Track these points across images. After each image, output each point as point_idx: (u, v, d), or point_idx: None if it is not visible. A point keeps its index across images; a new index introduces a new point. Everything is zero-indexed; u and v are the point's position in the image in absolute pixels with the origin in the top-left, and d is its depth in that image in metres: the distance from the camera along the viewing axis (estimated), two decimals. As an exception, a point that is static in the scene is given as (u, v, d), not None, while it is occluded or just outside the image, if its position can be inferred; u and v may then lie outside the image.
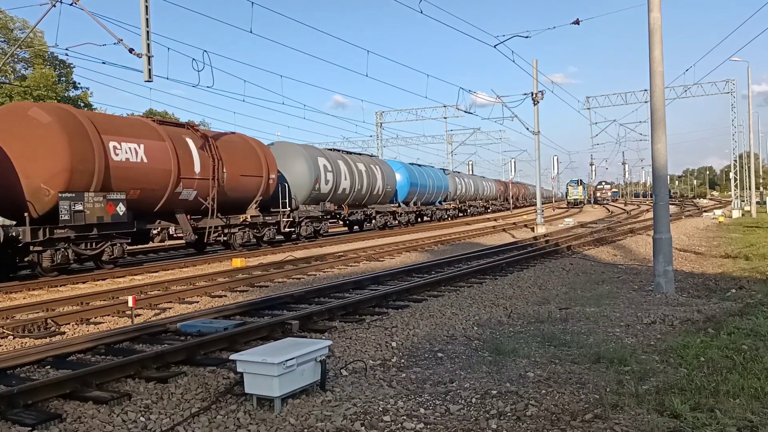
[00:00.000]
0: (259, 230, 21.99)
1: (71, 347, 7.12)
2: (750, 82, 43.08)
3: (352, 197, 29.01)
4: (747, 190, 53.74)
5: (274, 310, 9.68)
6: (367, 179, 30.24)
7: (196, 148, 18.84)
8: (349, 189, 28.37)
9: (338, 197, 27.64)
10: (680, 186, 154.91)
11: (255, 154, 21.93)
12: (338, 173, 27.30)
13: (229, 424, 4.79)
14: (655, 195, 10.83)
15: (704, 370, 5.65)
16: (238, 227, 20.90)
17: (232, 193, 20.38)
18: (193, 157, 18.61)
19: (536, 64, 30.89)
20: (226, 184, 19.85)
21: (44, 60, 42.09)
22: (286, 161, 24.78)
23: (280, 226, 23.23)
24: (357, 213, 30.45)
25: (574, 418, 4.64)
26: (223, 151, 20.01)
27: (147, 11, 14.96)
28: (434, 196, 41.98)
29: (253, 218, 21.47)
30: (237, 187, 20.54)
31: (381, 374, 6.04)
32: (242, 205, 21.27)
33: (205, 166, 18.99)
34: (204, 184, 18.98)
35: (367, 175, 30.34)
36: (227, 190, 19.98)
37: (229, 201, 20.29)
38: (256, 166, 21.68)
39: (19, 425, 4.71)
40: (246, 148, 21.82)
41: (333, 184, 26.68)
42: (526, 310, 9.20)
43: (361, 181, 29.52)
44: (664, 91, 10.71)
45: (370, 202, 31.50)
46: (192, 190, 18.56)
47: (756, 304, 8.86)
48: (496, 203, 64.40)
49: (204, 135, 19.59)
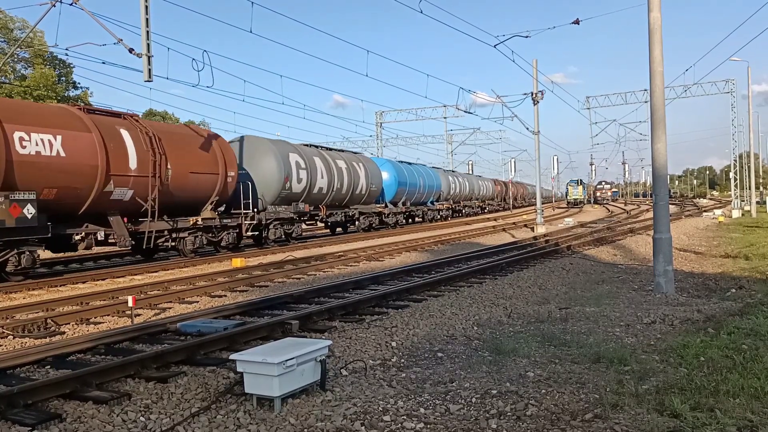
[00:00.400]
0: (215, 234, 19.72)
1: (71, 347, 7.12)
2: (750, 82, 43.16)
3: (331, 197, 26.83)
4: (747, 189, 53.75)
5: (274, 310, 9.68)
6: (349, 178, 28.01)
7: (132, 141, 16.46)
8: (327, 188, 26.21)
9: (314, 197, 25.46)
10: (680, 186, 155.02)
11: (209, 149, 19.55)
12: (313, 171, 25.05)
13: (229, 423, 4.79)
14: (655, 195, 10.83)
15: (704, 370, 5.65)
16: (188, 231, 18.61)
17: (181, 193, 18.09)
18: (127, 151, 16.25)
19: (536, 64, 30.91)
20: (171, 183, 17.58)
21: (44, 60, 42.11)
22: (253, 157, 22.74)
23: (242, 230, 20.91)
24: (337, 214, 28.18)
25: (574, 417, 4.64)
26: (169, 145, 17.68)
27: (147, 11, 14.95)
28: (425, 196, 39.97)
29: (206, 221, 19.18)
30: (186, 186, 18.26)
31: (381, 374, 6.04)
32: (194, 206, 19.00)
33: (144, 162, 16.60)
34: (142, 182, 16.57)
35: (348, 174, 28.05)
36: (173, 189, 17.71)
37: (177, 202, 18.08)
38: (210, 162, 19.33)
39: (19, 425, 4.71)
40: (198, 142, 19.37)
41: (307, 183, 24.50)
42: (526, 309, 9.20)
43: (341, 179, 27.32)
44: (664, 91, 10.71)
45: (353, 202, 29.25)
46: (127, 189, 16.24)
47: (756, 303, 8.86)
48: (493, 203, 62.39)
49: (144, 127, 17.25)
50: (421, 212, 39.92)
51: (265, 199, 22.52)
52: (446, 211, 44.57)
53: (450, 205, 45.66)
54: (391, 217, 33.64)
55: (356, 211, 29.66)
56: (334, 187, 26.70)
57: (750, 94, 44.47)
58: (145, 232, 16.91)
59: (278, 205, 23.11)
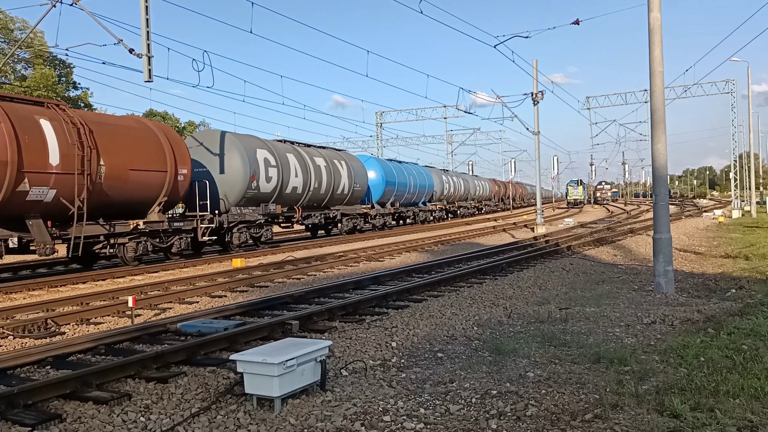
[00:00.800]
0: (163, 239, 17.57)
1: (71, 347, 7.13)
2: (750, 82, 43.24)
3: (308, 197, 24.88)
4: (747, 190, 53.76)
5: (274, 310, 9.68)
6: (328, 177, 26.14)
7: (54, 133, 14.24)
8: (303, 188, 24.23)
9: (287, 197, 23.50)
10: (680, 186, 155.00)
11: (156, 142, 17.30)
12: (286, 169, 23.06)
13: (229, 424, 4.80)
14: (655, 195, 10.83)
15: (704, 370, 5.65)
16: (129, 236, 16.42)
17: (118, 193, 15.92)
18: (47, 144, 14.03)
19: (536, 64, 30.92)
20: (105, 181, 15.38)
21: (44, 60, 42.11)
22: (215, 154, 20.71)
23: (198, 234, 18.68)
24: (315, 216, 26.05)
25: (574, 418, 4.64)
26: (102, 137, 15.45)
27: (147, 11, 14.96)
28: (416, 196, 37.90)
29: (151, 224, 16.95)
30: (125, 185, 16.05)
31: (381, 374, 6.04)
32: (137, 208, 16.86)
33: (69, 157, 14.36)
34: (68, 180, 14.35)
35: (327, 172, 26.15)
36: (109, 188, 15.55)
37: (115, 203, 15.99)
38: (156, 158, 17.08)
39: (20, 425, 4.71)
40: (141, 135, 17.06)
41: (278, 182, 22.48)
42: (526, 310, 9.20)
43: (319, 178, 25.39)
44: (664, 91, 10.71)
45: (334, 203, 27.31)
46: (48, 189, 14.05)
47: (756, 304, 8.87)
48: (490, 204, 60.32)
49: (71, 116, 14.95)
50: (412, 213, 38.03)
51: (228, 200, 20.58)
52: (439, 212, 42.81)
53: (443, 205, 43.81)
54: (378, 218, 31.78)
55: (338, 213, 27.70)
56: (310, 186, 24.77)
57: (750, 94, 44.57)
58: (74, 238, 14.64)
59: (244, 207, 21.18)
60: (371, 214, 30.85)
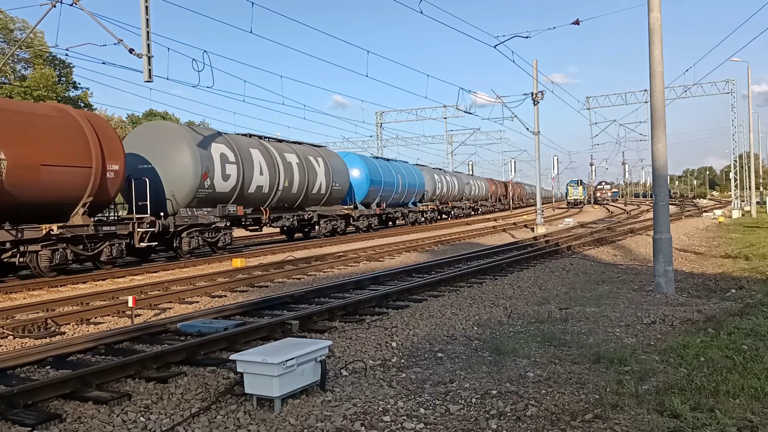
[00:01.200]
0: (88, 246, 15.27)
1: (71, 347, 7.13)
2: (750, 82, 43.23)
3: (277, 197, 22.66)
4: (747, 190, 53.76)
5: (274, 310, 9.68)
6: (301, 175, 23.93)
7: None
8: (270, 187, 21.99)
9: (251, 197, 21.26)
10: (680, 186, 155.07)
11: (78, 134, 15.01)
12: (248, 166, 20.80)
13: (229, 424, 4.79)
14: (655, 195, 10.83)
15: (704, 370, 5.65)
16: (43, 243, 14.16)
17: (26, 192, 13.70)
18: None
19: (536, 65, 30.92)
20: (8, 179, 13.25)
21: (44, 60, 42.12)
22: (160, 148, 18.35)
23: (135, 239, 16.45)
24: (287, 218, 23.71)
25: (574, 418, 4.64)
26: (5, 127, 13.42)
27: (147, 11, 14.96)
28: (405, 196, 35.79)
29: (72, 229, 14.69)
30: (35, 182, 13.84)
31: (381, 374, 6.04)
32: (54, 210, 14.57)
33: None
34: None
35: (300, 170, 23.95)
36: (12, 186, 13.36)
37: (22, 204, 13.74)
38: (77, 151, 14.80)
39: (19, 425, 4.71)
40: (59, 125, 14.80)
41: (239, 180, 20.23)
42: (526, 310, 9.20)
43: (289, 176, 23.17)
44: (664, 91, 10.71)
45: (309, 203, 25.16)
46: None
47: (756, 304, 8.87)
48: (487, 204, 58.20)
49: None
50: (401, 214, 35.83)
51: (177, 201, 18.33)
52: (431, 213, 40.58)
53: (436, 206, 41.67)
54: (362, 220, 29.77)
55: (314, 214, 25.52)
56: (279, 185, 22.51)
57: (750, 94, 44.57)
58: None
59: (196, 208, 18.91)
60: (354, 215, 28.82)
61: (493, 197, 61.81)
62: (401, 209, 35.85)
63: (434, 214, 41.30)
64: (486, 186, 58.89)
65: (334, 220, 27.24)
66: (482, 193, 56.79)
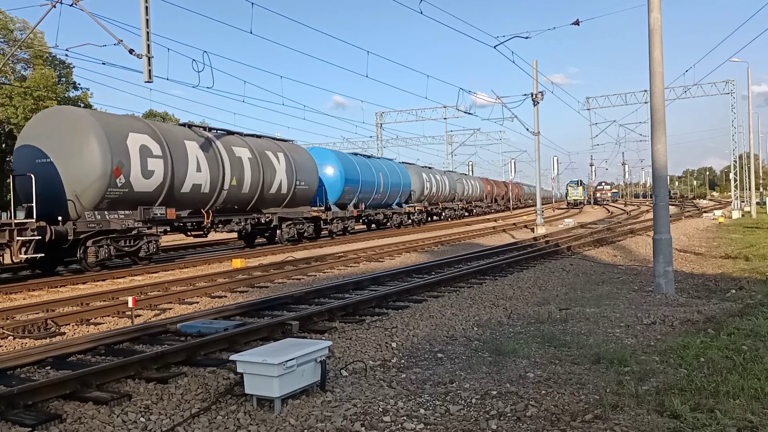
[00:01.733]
0: None
1: (71, 348, 7.13)
2: (750, 82, 43.19)
3: (222, 198, 19.59)
4: (747, 190, 53.77)
5: (274, 311, 9.68)
6: (254, 172, 20.91)
7: None
8: (212, 185, 18.94)
9: (186, 198, 18.08)
10: (680, 186, 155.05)
11: None
12: (180, 160, 17.61)
13: (229, 424, 4.80)
14: (655, 195, 10.83)
15: (704, 371, 5.65)
16: None
17: None
18: None
19: (536, 65, 30.93)
20: None
21: (44, 61, 42.11)
22: (61, 138, 15.53)
23: (13, 250, 13.25)
24: (237, 221, 20.71)
25: (574, 418, 4.64)
26: None
27: (147, 12, 14.97)
28: (388, 197, 33.06)
29: None
30: None
31: (381, 375, 6.04)
32: None
33: None
34: None
35: (253, 166, 20.92)
36: None
37: None
38: None
39: (19, 426, 4.72)
40: None
41: (167, 177, 17.07)
42: (526, 310, 9.20)
43: (238, 173, 20.16)
44: (664, 92, 10.71)
45: (266, 204, 22.22)
46: None
47: (756, 304, 8.86)
48: (482, 205, 55.54)
49: None
50: (384, 216, 33.04)
51: (81, 202, 15.32)
52: (419, 215, 37.74)
53: (424, 207, 38.88)
54: (336, 223, 26.85)
55: (274, 217, 22.57)
56: (224, 184, 19.45)
57: (750, 94, 44.59)
58: None
59: (108, 211, 15.88)
60: (326, 218, 26.04)
61: (489, 197, 59.24)
62: (384, 211, 33.08)
63: (422, 216, 38.66)
64: (481, 186, 56.38)
65: (300, 224, 24.16)
66: (477, 194, 54.38)
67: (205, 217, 18.98)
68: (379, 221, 33.25)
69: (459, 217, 47.20)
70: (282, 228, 23.16)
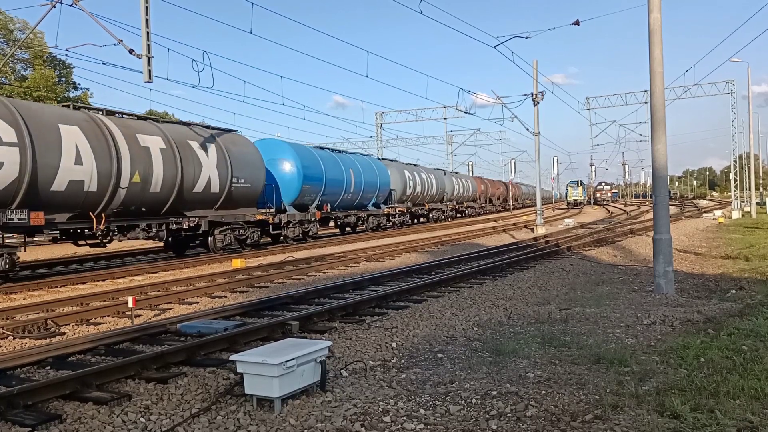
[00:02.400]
0: None
1: (71, 348, 7.13)
2: (750, 82, 43.18)
3: (121, 199, 15.89)
4: (747, 190, 53.76)
5: (274, 311, 9.68)
6: (170, 166, 17.06)
7: None
8: (102, 183, 15.26)
9: (62, 198, 14.44)
10: (680, 187, 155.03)
11: None
12: (47, 148, 13.96)
13: (229, 424, 4.79)
14: (655, 196, 10.83)
15: (704, 371, 5.65)
16: None
17: None
18: None
19: (536, 65, 30.92)
20: None
21: (44, 61, 42.12)
22: None
23: None
24: (143, 228, 16.81)
25: (574, 418, 4.64)
26: None
27: (147, 12, 14.95)
28: (362, 197, 29.61)
29: None
30: None
31: (381, 375, 6.04)
32: None
33: None
34: None
35: (168, 159, 17.03)
36: None
37: None
38: None
39: (19, 426, 4.71)
40: None
41: (25, 171, 13.40)
42: (526, 310, 9.20)
43: (145, 168, 16.34)
44: (664, 92, 10.71)
45: (190, 206, 18.34)
46: None
47: (756, 304, 8.86)
48: (475, 206, 52.64)
49: None
50: (356, 218, 29.52)
51: None
52: (401, 217, 34.46)
53: (407, 208, 35.57)
54: (292, 227, 23.25)
55: (203, 221, 18.79)
56: (120, 180, 15.77)
57: (750, 95, 44.57)
58: None
59: None
60: (280, 222, 22.50)
61: (483, 197, 56.08)
62: (357, 212, 29.54)
63: (404, 218, 35.19)
64: (473, 185, 52.98)
65: (240, 229, 20.49)
66: (469, 193, 50.99)
67: (95, 223, 15.27)
68: (350, 224, 29.75)
69: (449, 218, 44.25)
70: (215, 234, 19.48)
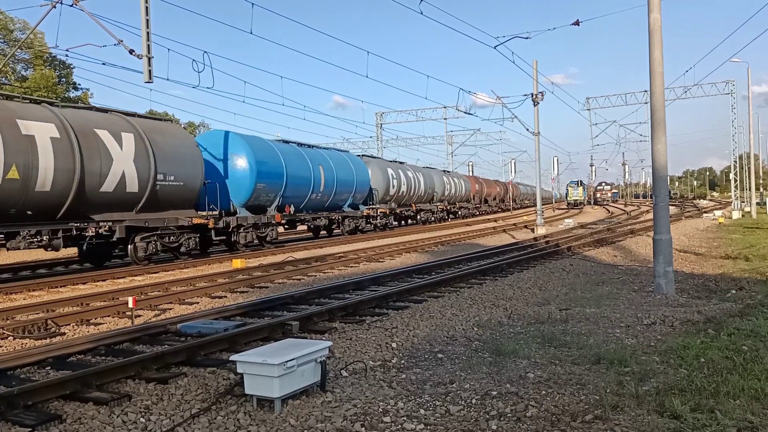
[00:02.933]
0: None
1: (71, 348, 7.12)
2: (750, 83, 43.16)
3: None
4: (747, 190, 53.77)
5: (275, 311, 9.68)
6: (66, 159, 14.27)
7: None
8: None
9: None
10: (680, 187, 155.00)
11: None
12: None
13: (229, 425, 4.79)
14: (655, 196, 10.83)
15: (704, 371, 5.65)
16: None
17: None
18: None
19: (536, 65, 30.92)
20: None
21: (44, 61, 42.13)
22: None
23: None
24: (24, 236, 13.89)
25: (574, 419, 4.64)
26: None
27: (147, 12, 14.96)
28: (335, 197, 26.43)
29: None
30: None
31: (381, 375, 6.04)
32: None
33: None
34: None
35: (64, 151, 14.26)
36: None
37: None
38: None
39: (19, 426, 4.71)
40: None
41: None
42: (527, 311, 9.20)
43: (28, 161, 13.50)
44: (664, 92, 10.71)
45: (97, 209, 15.44)
46: None
47: (756, 305, 8.86)
48: (468, 206, 50.04)
49: None
50: (327, 220, 26.46)
51: None
52: (383, 218, 31.68)
53: (390, 209, 32.80)
54: (243, 233, 20.30)
55: (117, 227, 15.92)
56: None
57: (750, 95, 44.57)
58: None
59: None
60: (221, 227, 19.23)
61: (477, 198, 53.37)
62: (329, 214, 26.44)
63: (387, 219, 32.43)
64: (467, 185, 49.94)
65: (170, 235, 17.56)
66: (462, 194, 47.87)
67: None
68: (323, 227, 27.14)
69: (439, 220, 41.54)
70: (135, 242, 16.59)
